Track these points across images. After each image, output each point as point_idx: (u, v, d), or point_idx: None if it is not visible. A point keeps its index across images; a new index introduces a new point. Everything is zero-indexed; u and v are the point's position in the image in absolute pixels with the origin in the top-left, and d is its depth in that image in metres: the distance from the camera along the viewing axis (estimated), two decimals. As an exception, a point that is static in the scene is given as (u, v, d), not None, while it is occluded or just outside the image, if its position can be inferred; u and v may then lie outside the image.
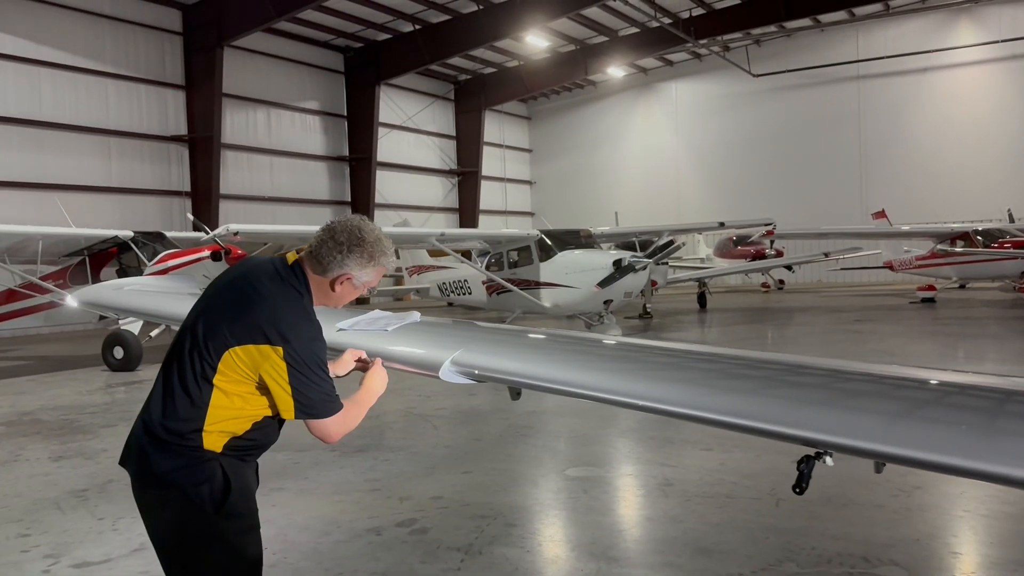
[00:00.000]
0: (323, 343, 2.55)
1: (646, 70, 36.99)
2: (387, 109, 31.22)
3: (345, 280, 2.59)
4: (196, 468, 2.44)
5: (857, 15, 31.06)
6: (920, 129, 31.81)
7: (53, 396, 10.87)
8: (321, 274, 2.59)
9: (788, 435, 1.95)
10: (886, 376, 2.17)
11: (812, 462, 2.39)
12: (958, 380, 2.04)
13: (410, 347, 3.04)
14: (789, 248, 28.66)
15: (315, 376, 2.45)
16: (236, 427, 2.50)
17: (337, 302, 2.69)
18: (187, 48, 24.40)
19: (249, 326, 2.42)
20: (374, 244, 2.60)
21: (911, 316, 18.80)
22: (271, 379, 2.43)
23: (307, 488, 5.92)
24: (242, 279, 2.57)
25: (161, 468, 2.45)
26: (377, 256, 2.61)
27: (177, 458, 2.44)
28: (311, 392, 2.45)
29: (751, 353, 2.82)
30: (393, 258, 2.71)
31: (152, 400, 2.53)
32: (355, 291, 2.66)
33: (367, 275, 2.61)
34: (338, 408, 2.52)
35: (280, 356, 2.41)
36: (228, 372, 2.44)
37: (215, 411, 2.45)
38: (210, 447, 2.46)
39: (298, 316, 2.49)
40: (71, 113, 21.74)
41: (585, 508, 5.35)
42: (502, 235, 16.17)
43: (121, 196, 22.64)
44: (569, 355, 2.94)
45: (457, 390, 10.23)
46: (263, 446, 2.65)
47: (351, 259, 2.57)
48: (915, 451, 1.70)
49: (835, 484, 5.54)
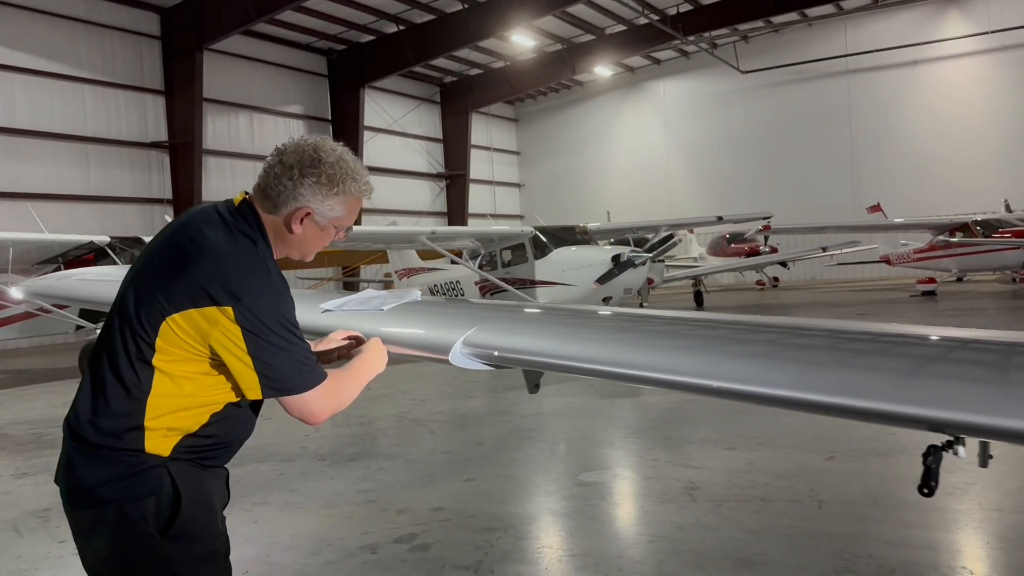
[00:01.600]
0: (287, 299, 1.96)
1: (633, 69, 36.60)
2: (372, 112, 30.67)
3: (303, 216, 2.00)
4: (136, 478, 1.87)
5: (845, 8, 30.81)
6: (911, 122, 31.54)
7: (25, 410, 10.24)
8: (273, 212, 2.01)
9: (809, 401, 1.67)
10: (886, 334, 1.97)
11: (940, 454, 1.83)
12: (958, 335, 1.88)
13: (412, 328, 2.49)
14: (782, 244, 28.27)
15: (280, 339, 1.88)
16: (187, 421, 1.93)
17: (302, 250, 2.09)
18: (166, 52, 23.77)
19: (188, 287, 1.86)
20: (335, 165, 2.00)
21: (914, 309, 18.37)
22: (225, 350, 1.86)
23: (293, 502, 5.35)
24: (178, 231, 2.00)
25: (91, 480, 1.88)
26: (340, 180, 2.00)
27: (112, 467, 1.88)
28: (278, 360, 1.88)
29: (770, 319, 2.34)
30: (366, 184, 2.07)
31: (79, 397, 1.97)
32: (321, 232, 2.05)
33: (331, 207, 2.01)
34: (319, 378, 1.94)
35: (231, 318, 1.84)
36: (169, 348, 1.88)
37: (158, 401, 1.89)
38: (155, 450, 1.89)
39: (249, 266, 1.91)
40: (47, 120, 21.07)
41: (605, 517, 4.81)
42: (495, 232, 15.61)
43: (100, 204, 21.98)
44: (607, 332, 2.40)
45: (453, 393, 9.69)
46: (229, 445, 2.07)
47: (305, 186, 1.98)
48: (935, 410, 1.51)
49: (879, 483, 5.03)
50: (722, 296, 26.98)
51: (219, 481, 2.08)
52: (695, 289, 23.87)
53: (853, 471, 5.31)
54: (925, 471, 1.80)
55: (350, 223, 2.10)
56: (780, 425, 6.58)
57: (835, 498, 4.75)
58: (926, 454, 1.80)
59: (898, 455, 5.60)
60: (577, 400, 8.58)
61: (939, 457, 1.82)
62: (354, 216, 2.12)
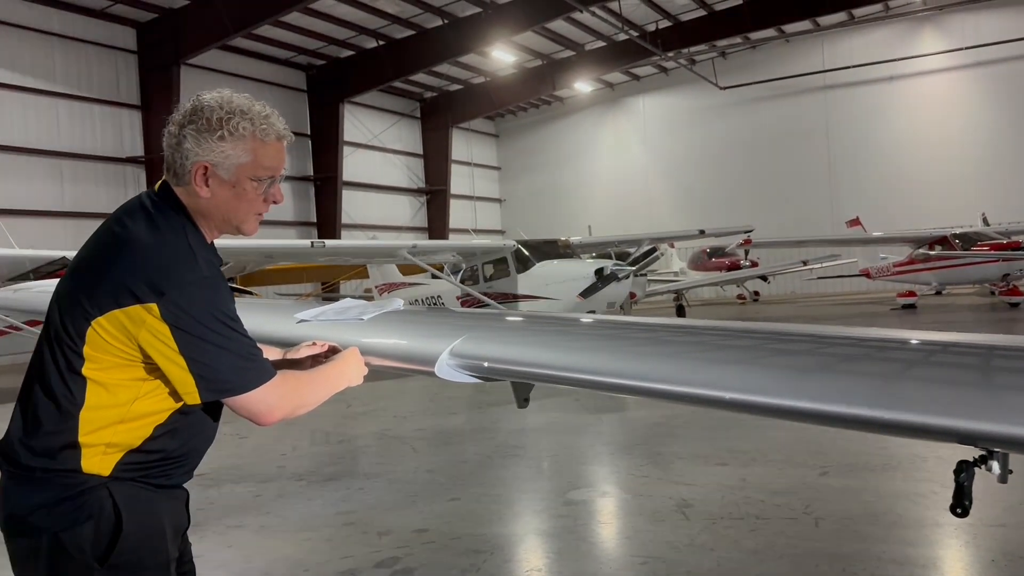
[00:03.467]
0: (222, 288, 1.76)
1: (613, 85, 36.73)
2: (352, 127, 30.47)
3: (202, 174, 1.77)
4: (72, 502, 1.68)
5: (822, 25, 31.06)
6: (888, 137, 31.82)
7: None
8: (176, 183, 1.81)
9: (797, 409, 1.58)
10: (867, 339, 1.95)
11: (972, 470, 1.68)
12: (937, 339, 1.83)
13: (395, 338, 2.32)
14: (762, 259, 28.33)
15: (215, 334, 1.69)
16: (128, 435, 1.73)
17: (227, 217, 1.83)
18: (142, 67, 23.52)
19: (110, 286, 1.68)
20: (217, 107, 1.78)
21: (895, 323, 18.41)
22: (155, 352, 1.67)
23: (269, 525, 5.12)
24: (101, 228, 1.82)
25: (25, 507, 1.70)
26: (225, 120, 1.76)
27: (46, 490, 1.69)
28: (214, 358, 1.69)
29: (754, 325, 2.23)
30: (264, 120, 1.82)
31: (12, 419, 1.78)
32: (235, 190, 1.79)
33: (226, 154, 1.76)
34: (265, 374, 1.75)
35: (157, 316, 1.65)
36: (99, 356, 1.70)
37: (92, 414, 1.70)
38: (93, 469, 1.70)
39: (172, 255, 1.72)
40: (19, 135, 20.69)
41: (595, 537, 4.62)
42: (477, 246, 15.43)
43: (75, 220, 21.55)
44: (603, 340, 2.23)
45: (436, 409, 9.48)
46: (180, 460, 1.85)
47: (189, 139, 1.77)
48: (921, 416, 1.43)
49: (876, 499, 4.89)
50: (703, 310, 26.97)
51: (175, 503, 1.88)
52: (677, 303, 23.81)
53: (849, 486, 5.16)
54: (957, 489, 1.66)
55: (266, 171, 1.82)
56: (771, 439, 6.44)
57: (833, 515, 4.59)
58: (957, 471, 1.66)
59: (893, 470, 5.47)
60: (562, 416, 8.40)
61: (971, 474, 1.68)
62: (271, 163, 1.84)
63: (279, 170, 1.88)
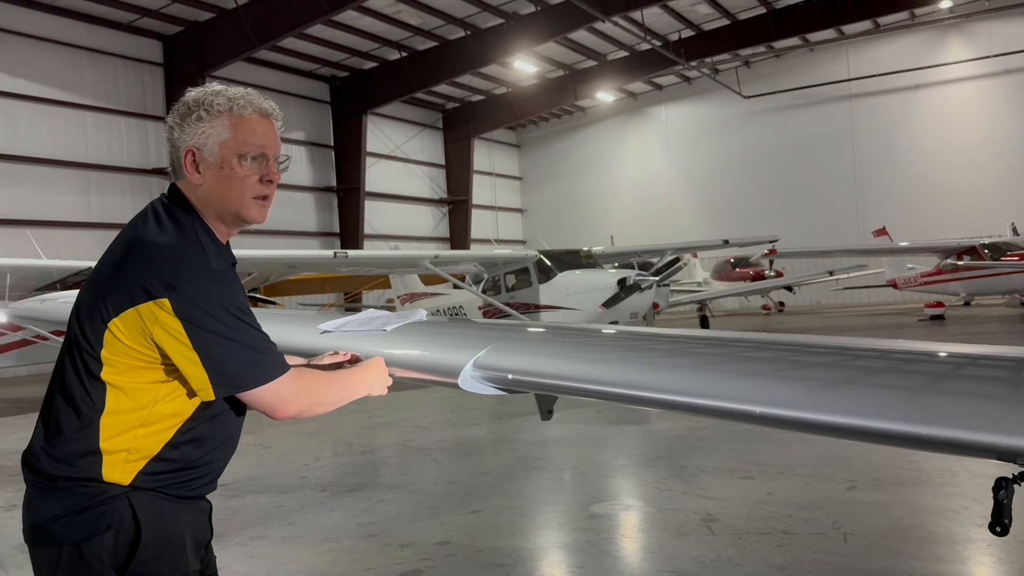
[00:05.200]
0: (232, 282, 1.76)
1: (635, 95, 36.68)
2: (375, 138, 30.66)
3: (191, 160, 1.80)
4: (93, 511, 1.68)
5: (846, 34, 30.87)
6: (914, 146, 31.49)
7: (20, 439, 10.00)
8: (178, 177, 1.84)
9: (827, 424, 1.55)
10: (894, 351, 1.90)
11: (1011, 487, 1.64)
12: (965, 351, 1.78)
13: (418, 349, 2.30)
14: (788, 269, 28.09)
15: (226, 327, 1.68)
16: (148, 440, 1.73)
17: (225, 203, 1.82)
18: (168, 80, 23.85)
19: (123, 285, 1.70)
20: (197, 95, 1.82)
21: (923, 334, 18.15)
22: (171, 349, 1.68)
23: (292, 536, 5.11)
24: (117, 237, 1.85)
25: (46, 516, 1.70)
26: (201, 102, 1.80)
27: (66, 499, 1.69)
28: (226, 351, 1.68)
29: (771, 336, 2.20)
30: (242, 96, 1.84)
31: (35, 429, 1.79)
32: (223, 171, 1.79)
33: (207, 134, 1.78)
34: (279, 368, 1.74)
35: (169, 311, 1.66)
36: (116, 359, 1.70)
37: (112, 419, 1.71)
38: (113, 478, 1.70)
39: (182, 250, 1.73)
40: (48, 147, 21.02)
41: (619, 551, 4.57)
42: (499, 256, 15.42)
43: (101, 231, 21.79)
44: (630, 352, 2.20)
45: (457, 420, 9.45)
46: (202, 470, 1.83)
47: (175, 129, 1.81)
48: (951, 430, 1.40)
49: (906, 514, 4.79)
50: (727, 321, 26.77)
51: (197, 515, 1.87)
52: (700, 314, 23.64)
53: (877, 501, 5.07)
54: (996, 507, 1.61)
55: (250, 147, 1.81)
56: (797, 452, 6.35)
57: (861, 530, 4.51)
58: (996, 487, 1.61)
59: (923, 484, 5.36)
60: (584, 427, 8.35)
61: (1011, 491, 1.63)
62: (254, 138, 1.83)
63: (269, 148, 1.86)
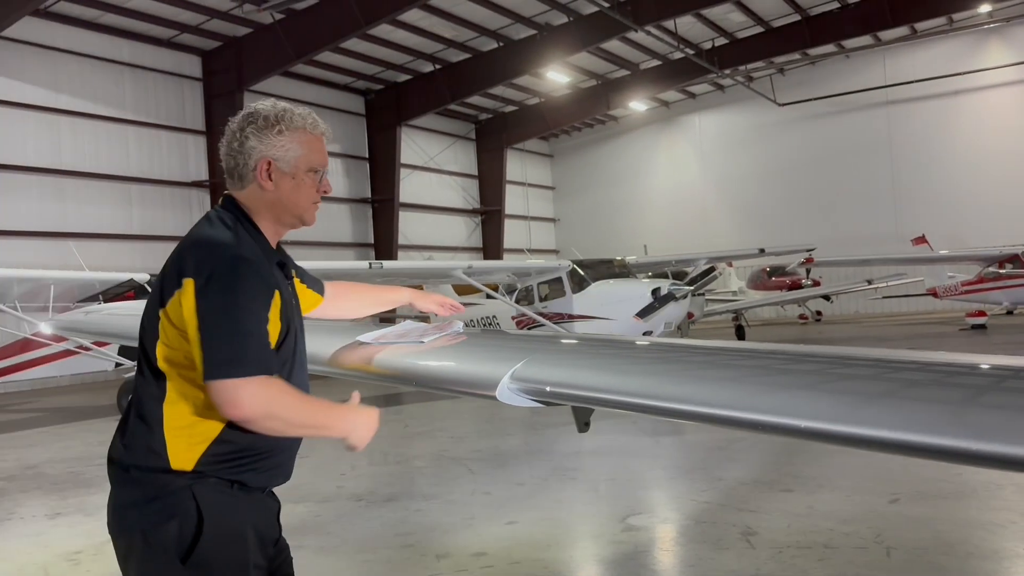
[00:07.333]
0: (253, 277, 1.81)
1: (668, 103, 36.51)
2: (408, 150, 30.90)
3: (266, 168, 1.92)
4: (160, 501, 1.77)
5: (883, 40, 30.42)
6: (954, 153, 30.92)
7: (62, 448, 10.21)
8: (242, 185, 1.95)
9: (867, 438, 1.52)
10: (935, 363, 1.86)
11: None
12: (1009, 363, 1.73)
13: (455, 362, 2.31)
14: (825, 278, 27.71)
15: (234, 321, 1.75)
16: (209, 424, 1.81)
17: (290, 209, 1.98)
18: (207, 94, 24.27)
19: (172, 276, 1.83)
20: (270, 108, 1.96)
21: (964, 344, 17.79)
22: (190, 327, 1.77)
23: (329, 546, 5.14)
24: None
25: (121, 505, 1.82)
26: (280, 117, 1.94)
27: (137, 488, 1.80)
28: (224, 339, 1.74)
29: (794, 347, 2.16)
30: (312, 116, 2.01)
31: (117, 426, 1.95)
32: (295, 181, 1.96)
33: (285, 147, 1.93)
34: (248, 368, 1.75)
35: (192, 290, 1.76)
36: (171, 346, 1.83)
37: (174, 407, 1.82)
38: (180, 464, 1.78)
39: (218, 240, 1.86)
40: (91, 161, 21.49)
41: (657, 565, 4.53)
42: (532, 266, 15.43)
43: (142, 243, 22.26)
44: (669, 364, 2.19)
45: (491, 430, 9.45)
46: (264, 454, 1.88)
47: (251, 138, 1.92)
48: (995, 444, 1.36)
49: (950, 528, 4.69)
50: (764, 331, 26.47)
51: (263, 510, 1.94)
52: (736, 324, 23.42)
53: (921, 515, 4.97)
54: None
55: (318, 163, 2.00)
56: (837, 465, 6.26)
57: (904, 544, 4.42)
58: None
59: (967, 498, 5.25)
60: (619, 438, 8.30)
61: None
62: (320, 156, 2.02)
63: (326, 164, 2.06)
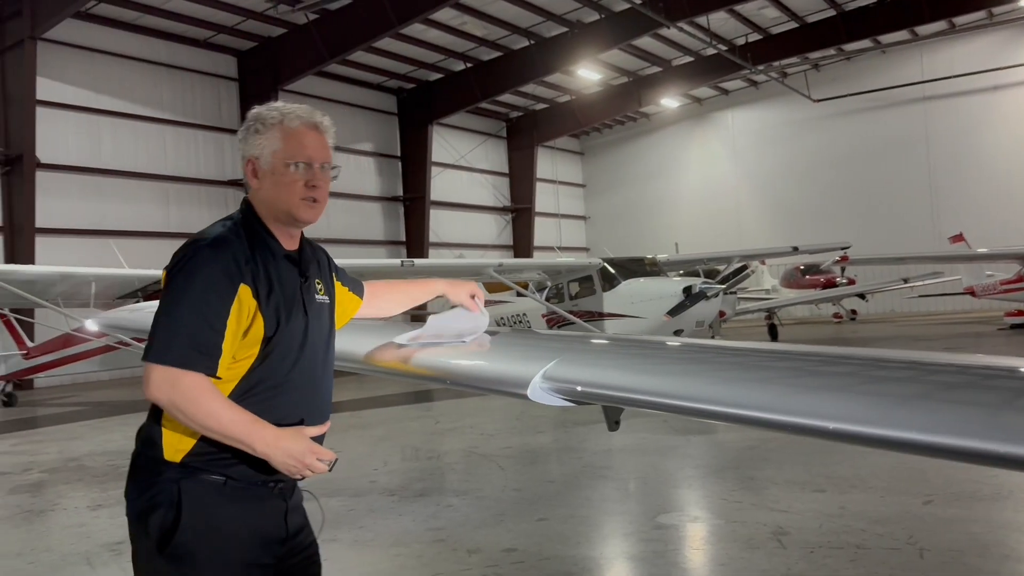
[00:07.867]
0: (219, 275, 1.85)
1: (700, 100, 36.26)
2: (440, 148, 31.06)
3: (251, 169, 2.01)
4: (153, 488, 1.86)
5: (920, 35, 29.95)
6: (992, 149, 30.32)
7: (103, 441, 10.46)
8: (247, 188, 2.08)
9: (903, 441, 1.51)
10: (971, 366, 1.83)
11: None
12: None
13: (487, 360, 2.36)
14: (860, 276, 27.34)
15: (173, 310, 1.83)
16: None
17: (278, 204, 2.00)
18: (243, 94, 24.59)
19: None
20: (257, 113, 2.05)
21: (1004, 343, 17.48)
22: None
23: (362, 539, 5.23)
24: None
25: (127, 491, 1.93)
26: (257, 119, 2.02)
27: (137, 474, 1.91)
28: (159, 326, 1.84)
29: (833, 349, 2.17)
30: (290, 111, 2.03)
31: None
32: (275, 176, 1.99)
33: (262, 145, 1.99)
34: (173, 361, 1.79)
35: (164, 281, 1.91)
36: None
37: None
38: (171, 456, 1.87)
39: (200, 235, 1.94)
40: (130, 160, 21.91)
41: (687, 563, 4.54)
42: (562, 264, 15.45)
43: (179, 240, 21.58)
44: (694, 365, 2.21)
45: (521, 427, 9.51)
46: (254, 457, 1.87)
47: (241, 142, 2.04)
48: None
49: (985, 530, 4.65)
50: (797, 330, 26.20)
51: (262, 508, 1.95)
52: (769, 322, 23.22)
53: (955, 516, 4.93)
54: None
55: (297, 157, 1.99)
56: (870, 465, 6.21)
57: (938, 546, 4.39)
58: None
59: (1004, 499, 5.19)
60: (650, 436, 8.31)
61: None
62: (298, 149, 2.00)
63: (314, 158, 2.02)
